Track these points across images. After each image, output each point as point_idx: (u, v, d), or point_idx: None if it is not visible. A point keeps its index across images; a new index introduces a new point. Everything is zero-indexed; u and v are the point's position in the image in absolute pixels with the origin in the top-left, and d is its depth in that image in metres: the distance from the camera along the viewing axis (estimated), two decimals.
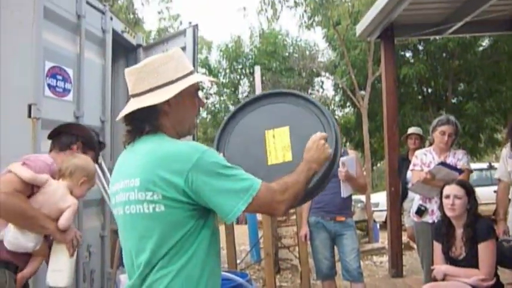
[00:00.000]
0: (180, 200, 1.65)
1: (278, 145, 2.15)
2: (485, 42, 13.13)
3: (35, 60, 3.46)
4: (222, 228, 3.82)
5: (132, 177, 1.71)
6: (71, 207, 2.68)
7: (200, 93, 1.95)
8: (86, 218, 4.22)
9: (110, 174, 4.27)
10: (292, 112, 2.22)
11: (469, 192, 3.62)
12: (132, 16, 13.88)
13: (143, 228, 1.70)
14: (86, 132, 3.11)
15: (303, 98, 2.27)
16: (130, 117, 1.80)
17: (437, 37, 10.83)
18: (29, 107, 3.35)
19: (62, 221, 2.63)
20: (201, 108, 1.96)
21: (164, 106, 1.77)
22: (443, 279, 3.60)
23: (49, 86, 3.78)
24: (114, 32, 4.91)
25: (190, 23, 5.08)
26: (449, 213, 3.67)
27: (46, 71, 3.73)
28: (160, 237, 1.67)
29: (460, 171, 4.20)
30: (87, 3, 4.32)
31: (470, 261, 3.51)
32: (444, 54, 13.10)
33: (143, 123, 1.77)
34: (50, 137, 3.07)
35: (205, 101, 2.39)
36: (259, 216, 6.72)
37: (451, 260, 3.66)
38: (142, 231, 1.70)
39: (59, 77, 3.91)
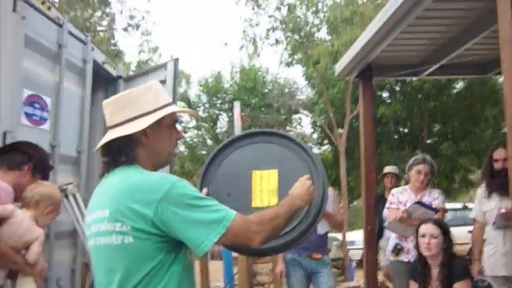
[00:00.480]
0: (148, 232, 1.60)
1: (265, 188, 2.13)
2: (460, 85, 13.46)
3: (13, 88, 3.42)
4: (196, 264, 3.76)
5: (103, 208, 1.68)
6: (39, 239, 2.59)
7: (179, 127, 1.93)
8: (57, 250, 4.11)
9: (85, 206, 4.20)
10: (283, 155, 2.20)
11: (445, 231, 3.64)
12: (112, 48, 13.92)
13: (111, 260, 1.66)
14: (40, 153, 2.94)
15: (296, 143, 2.25)
16: (107, 149, 1.78)
17: (413, 78, 11.04)
18: (4, 134, 3.30)
19: (32, 255, 2.53)
20: (179, 141, 1.94)
21: (141, 137, 1.75)
22: None
23: (26, 114, 3.74)
24: (95, 63, 4.90)
25: (171, 56, 5.11)
26: (425, 253, 3.68)
27: (24, 99, 3.69)
28: (128, 270, 1.63)
29: (436, 210, 4.24)
30: (69, 33, 4.32)
31: None
32: (420, 96, 13.37)
33: (119, 154, 1.75)
34: None
35: (183, 134, 2.36)
36: (234, 253, 6.63)
37: None
38: (111, 263, 1.66)
39: (37, 105, 3.87)
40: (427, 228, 3.68)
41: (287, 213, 1.84)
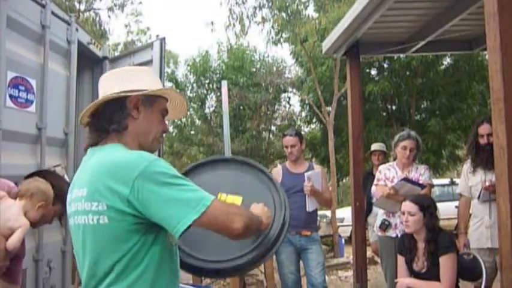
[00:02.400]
0: (124, 211, 1.57)
1: None
2: (447, 62, 13.49)
3: None
4: None
5: (81, 187, 1.68)
6: (23, 227, 2.58)
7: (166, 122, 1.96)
8: (47, 232, 4.11)
9: None
10: (253, 185, 2.32)
11: (423, 208, 3.67)
12: (98, 28, 13.74)
13: (88, 240, 1.65)
14: (61, 183, 2.95)
15: (268, 177, 2.37)
16: (96, 118, 1.77)
17: (401, 55, 11.07)
18: None
19: (13, 241, 2.51)
20: (164, 134, 1.93)
21: (133, 110, 1.76)
22: None
23: (11, 96, 3.70)
24: (80, 44, 4.84)
25: (157, 36, 5.05)
26: (405, 229, 3.75)
27: (8, 81, 3.65)
28: (103, 251, 1.62)
29: (422, 186, 4.29)
30: (53, 13, 4.26)
31: (432, 274, 3.56)
32: (408, 73, 13.39)
33: (110, 121, 1.74)
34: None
35: (169, 129, 2.35)
36: None
37: (414, 273, 3.71)
38: (87, 243, 1.65)
39: (22, 88, 3.83)
40: (404, 206, 3.73)
41: (255, 219, 1.86)
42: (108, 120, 1.74)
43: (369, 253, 7.29)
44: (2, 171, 3.36)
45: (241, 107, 16.49)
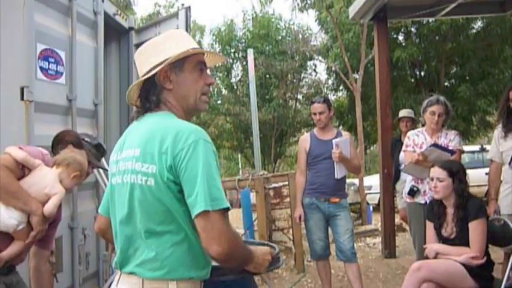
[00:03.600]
0: (168, 178, 1.61)
1: None
2: (478, 25, 13.13)
3: (27, 43, 3.43)
4: None
5: (133, 148, 1.72)
6: (58, 194, 2.66)
7: (208, 72, 1.92)
8: (80, 201, 4.22)
9: (104, 158, 4.28)
10: None
11: (452, 173, 3.63)
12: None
13: (136, 199, 1.68)
14: (73, 136, 3.15)
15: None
16: (138, 99, 1.85)
17: (430, 19, 10.82)
18: (22, 89, 3.33)
19: (49, 207, 2.60)
20: (210, 86, 1.91)
21: (165, 82, 1.78)
22: (435, 258, 3.65)
23: (41, 68, 3.75)
24: (106, 15, 4.86)
25: (182, 5, 5.04)
26: (434, 195, 3.72)
27: (38, 54, 3.70)
28: (149, 211, 1.65)
29: (452, 152, 4.23)
30: None
31: (462, 240, 3.56)
32: (437, 37, 13.09)
33: (146, 100, 1.80)
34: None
35: (212, 79, 2.26)
36: (253, 199, 6.75)
37: (443, 239, 3.70)
38: (135, 201, 1.68)
39: (51, 60, 3.88)
40: (433, 172, 3.70)
41: (244, 257, 1.78)
42: (145, 99, 1.80)
43: (397, 220, 7.30)
44: (36, 142, 3.44)
45: (268, 76, 16.43)
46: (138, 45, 5.44)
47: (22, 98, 3.32)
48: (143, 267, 1.67)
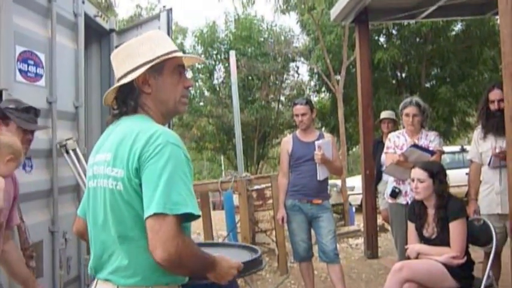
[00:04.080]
0: (134, 181, 1.58)
1: None
2: (458, 27, 13.29)
3: (6, 45, 3.38)
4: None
5: (105, 152, 1.71)
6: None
7: (188, 75, 1.92)
8: (61, 204, 4.17)
9: (85, 160, 4.24)
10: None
11: (433, 174, 3.67)
12: (103, 1, 13.64)
13: (108, 203, 1.65)
14: None
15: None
16: (114, 100, 1.83)
17: (410, 21, 10.92)
18: (0, 92, 3.29)
19: None
20: (188, 89, 1.88)
21: (143, 86, 1.74)
22: (416, 258, 3.69)
23: (20, 71, 3.71)
24: (87, 16, 4.81)
25: (164, 7, 5.02)
26: (415, 196, 3.76)
27: (17, 56, 3.65)
28: (121, 215, 1.62)
29: (432, 152, 4.28)
30: None
31: (443, 240, 3.60)
32: (417, 39, 13.23)
33: (124, 104, 1.77)
34: None
35: (191, 82, 2.20)
36: (236, 201, 6.74)
37: (424, 240, 3.74)
38: (108, 205, 1.66)
39: (31, 62, 3.83)
40: (414, 173, 3.74)
41: (199, 266, 1.65)
42: (122, 103, 1.77)
43: (379, 221, 7.36)
44: None
45: (250, 77, 16.44)
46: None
47: (0, 101, 3.27)
48: (117, 275, 1.65)
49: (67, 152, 4.15)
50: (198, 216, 1.58)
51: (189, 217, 1.56)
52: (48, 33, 4.11)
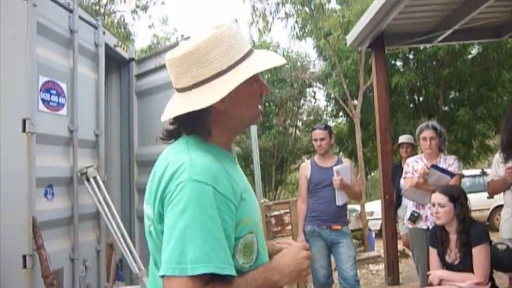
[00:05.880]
0: (160, 226, 1.34)
1: None
2: (475, 50, 13.26)
3: (29, 75, 3.46)
4: None
5: (148, 188, 1.46)
6: None
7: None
8: (82, 232, 4.21)
9: (105, 187, 4.29)
10: None
11: (454, 199, 3.63)
12: (123, 30, 13.92)
13: (149, 244, 1.47)
14: None
15: None
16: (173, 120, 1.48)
17: (427, 45, 10.94)
18: (23, 121, 3.35)
19: None
20: (263, 96, 1.52)
21: (219, 105, 1.37)
22: (439, 285, 3.62)
23: (43, 100, 3.79)
24: (107, 46, 4.93)
25: (182, 35, 5.11)
26: (436, 221, 3.72)
27: (40, 86, 3.75)
28: (152, 260, 1.45)
29: (452, 174, 4.24)
30: (80, 18, 4.34)
31: (466, 265, 3.53)
32: (434, 63, 13.20)
33: (191, 125, 1.43)
34: None
35: (267, 86, 1.78)
36: None
37: (446, 265, 3.68)
38: (151, 247, 1.46)
39: (53, 92, 3.93)
40: (434, 198, 3.70)
41: None
42: (189, 124, 1.43)
43: (400, 246, 7.25)
44: (37, 174, 3.46)
45: (267, 104, 16.50)
46: (138, 76, 5.51)
47: (24, 130, 3.34)
48: None
49: (87, 180, 4.21)
50: (230, 276, 1.27)
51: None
52: (70, 64, 4.22)
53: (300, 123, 17.71)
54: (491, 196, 4.59)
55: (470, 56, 13.35)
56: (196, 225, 1.23)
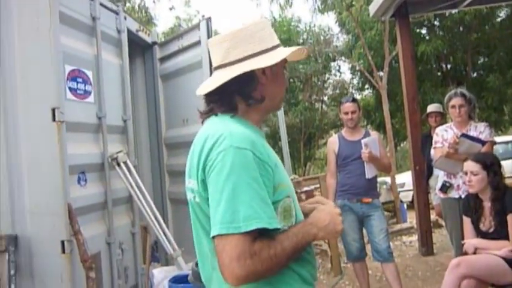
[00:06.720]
0: (204, 194, 1.44)
1: None
2: (503, 13, 12.88)
3: (55, 65, 3.50)
4: None
5: (189, 162, 1.58)
6: None
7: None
8: (116, 216, 4.30)
9: (136, 171, 4.35)
10: None
11: (486, 166, 3.57)
12: (144, 14, 13.95)
13: (192, 218, 1.57)
14: None
15: None
16: (217, 92, 1.56)
17: (452, 11, 10.66)
18: (53, 111, 3.40)
19: None
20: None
21: (262, 77, 1.56)
22: (474, 253, 3.59)
23: (70, 89, 3.85)
24: (129, 32, 4.96)
25: (203, 16, 5.10)
26: (469, 190, 3.67)
27: (66, 75, 3.80)
28: (200, 232, 1.53)
29: (483, 142, 4.16)
30: (101, 4, 4.37)
31: (501, 233, 3.50)
32: (461, 29, 12.88)
33: (239, 95, 1.55)
34: None
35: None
36: None
37: (481, 234, 3.64)
38: (192, 220, 1.58)
39: (79, 80, 3.98)
40: (467, 166, 3.65)
41: (295, 248, 1.43)
42: (237, 93, 1.55)
43: (433, 216, 7.19)
44: (70, 161, 3.53)
45: (292, 80, 16.40)
46: (162, 59, 5.54)
47: (54, 119, 3.39)
48: None
49: (118, 165, 4.27)
50: (277, 229, 1.39)
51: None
52: (94, 51, 4.26)
53: (326, 98, 17.58)
54: None
55: (498, 20, 12.97)
56: (243, 186, 1.34)
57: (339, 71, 17.68)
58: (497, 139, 5.91)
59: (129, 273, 4.42)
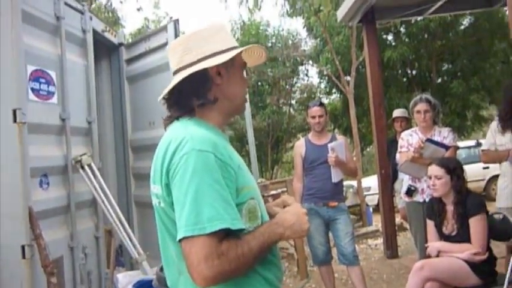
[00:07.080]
0: (169, 199, 1.45)
1: None
2: (466, 21, 13.20)
3: (17, 65, 3.41)
4: None
5: (152, 167, 1.58)
6: None
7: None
8: (79, 219, 4.21)
9: (100, 174, 4.27)
10: None
11: (450, 171, 3.64)
12: (111, 15, 13.77)
13: (157, 223, 1.57)
14: None
15: None
16: (174, 95, 1.60)
17: (418, 18, 10.87)
18: (14, 111, 3.31)
19: None
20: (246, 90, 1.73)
21: (216, 77, 1.57)
22: (437, 256, 3.65)
23: (32, 89, 3.75)
24: (95, 32, 4.87)
25: (171, 18, 5.06)
26: (433, 193, 3.73)
27: (28, 75, 3.70)
28: (166, 238, 1.53)
29: (447, 147, 4.24)
30: (66, 4, 4.27)
31: (463, 236, 3.55)
32: (426, 36, 13.14)
33: (194, 96, 1.57)
34: None
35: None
36: None
37: (444, 237, 3.70)
38: (158, 226, 1.58)
39: (42, 80, 3.88)
40: (431, 170, 3.72)
41: (262, 248, 1.44)
42: (192, 94, 1.57)
43: (398, 220, 7.30)
44: (31, 163, 3.43)
45: (260, 83, 16.44)
46: (128, 61, 5.46)
47: (15, 121, 3.30)
48: None
49: (82, 168, 4.19)
50: (242, 230, 1.41)
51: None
52: (58, 51, 4.16)
53: (293, 102, 17.68)
54: (486, 166, 4.61)
55: (462, 27, 13.31)
56: (206, 188, 1.36)
57: (306, 75, 17.82)
58: (460, 144, 6.04)
59: (92, 278, 4.33)
